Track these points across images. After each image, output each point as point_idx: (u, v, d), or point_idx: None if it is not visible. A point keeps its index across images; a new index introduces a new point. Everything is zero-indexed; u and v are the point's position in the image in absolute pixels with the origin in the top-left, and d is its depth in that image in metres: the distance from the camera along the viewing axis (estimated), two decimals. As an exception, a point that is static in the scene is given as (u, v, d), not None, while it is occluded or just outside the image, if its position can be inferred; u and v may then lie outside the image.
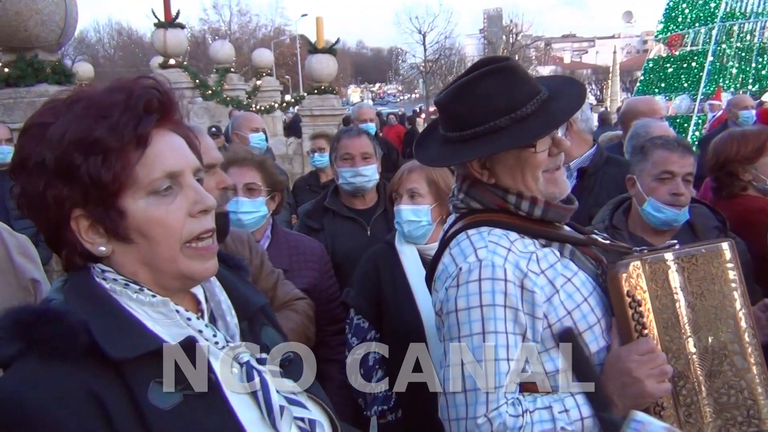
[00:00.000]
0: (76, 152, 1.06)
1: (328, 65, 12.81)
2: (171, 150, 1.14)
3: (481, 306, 1.62)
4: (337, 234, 3.21)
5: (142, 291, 1.13)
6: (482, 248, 1.67)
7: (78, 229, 1.10)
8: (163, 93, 1.14)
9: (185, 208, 1.13)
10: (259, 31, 57.53)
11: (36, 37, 5.22)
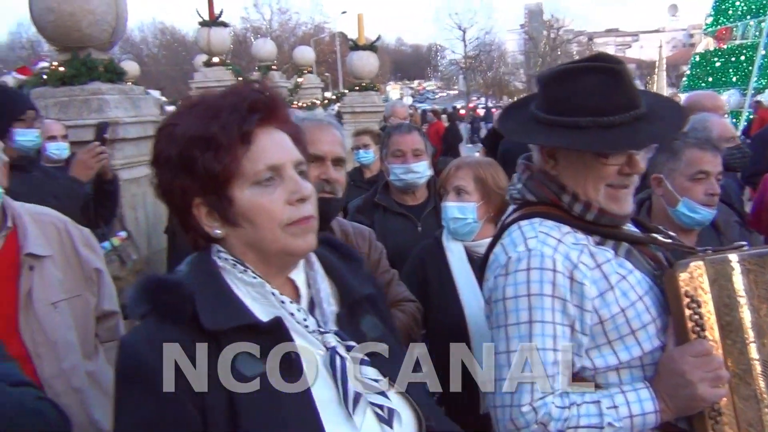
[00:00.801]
0: (194, 148, 1.24)
1: (369, 62, 12.81)
2: (274, 145, 1.28)
3: (528, 295, 1.63)
4: (387, 230, 3.21)
5: (246, 272, 1.28)
6: (532, 238, 1.69)
7: (199, 214, 1.29)
8: (267, 96, 1.29)
9: (284, 196, 1.26)
10: (299, 28, 57.96)
11: (89, 36, 5.32)
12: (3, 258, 2.20)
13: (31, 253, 2.21)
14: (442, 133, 15.99)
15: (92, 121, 4.64)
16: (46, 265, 2.25)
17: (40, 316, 2.19)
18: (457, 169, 2.67)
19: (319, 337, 1.30)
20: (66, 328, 2.26)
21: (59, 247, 2.34)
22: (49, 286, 2.24)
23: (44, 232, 2.31)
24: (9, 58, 45.01)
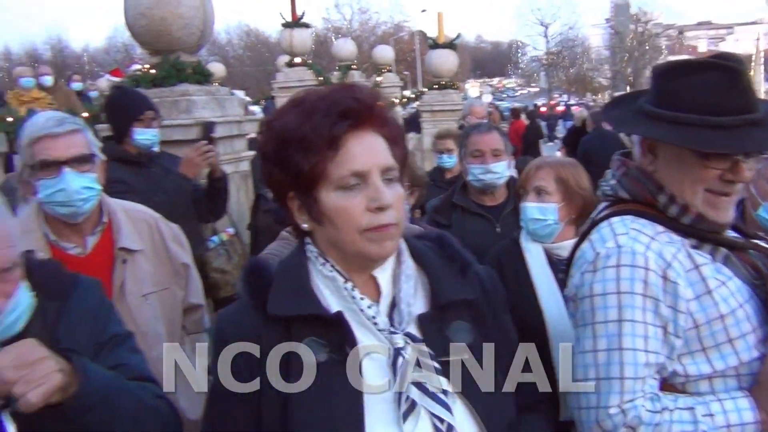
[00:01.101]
0: (287, 146, 1.29)
1: (448, 60, 12.74)
2: (362, 151, 1.29)
3: (618, 293, 1.56)
4: (465, 230, 3.17)
5: (325, 266, 1.34)
6: (623, 234, 1.62)
7: (292, 207, 1.36)
8: (360, 100, 1.30)
9: (365, 203, 1.27)
10: (378, 28, 58.40)
11: (178, 40, 5.54)
12: (99, 251, 2.33)
13: (124, 248, 2.34)
14: (522, 131, 15.68)
15: (182, 121, 4.83)
16: (138, 259, 2.37)
17: (131, 307, 2.31)
18: (537, 169, 2.61)
19: (388, 336, 1.29)
20: (155, 319, 2.37)
21: (150, 242, 2.46)
22: (141, 279, 2.36)
23: (137, 228, 2.43)
24: (105, 62, 47.58)
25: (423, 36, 18.33)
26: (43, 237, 2.26)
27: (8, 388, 1.25)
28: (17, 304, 1.42)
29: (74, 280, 1.65)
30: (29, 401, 1.25)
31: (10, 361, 1.27)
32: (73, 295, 1.60)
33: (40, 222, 2.27)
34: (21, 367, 1.26)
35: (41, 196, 2.19)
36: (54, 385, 1.29)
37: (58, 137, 2.18)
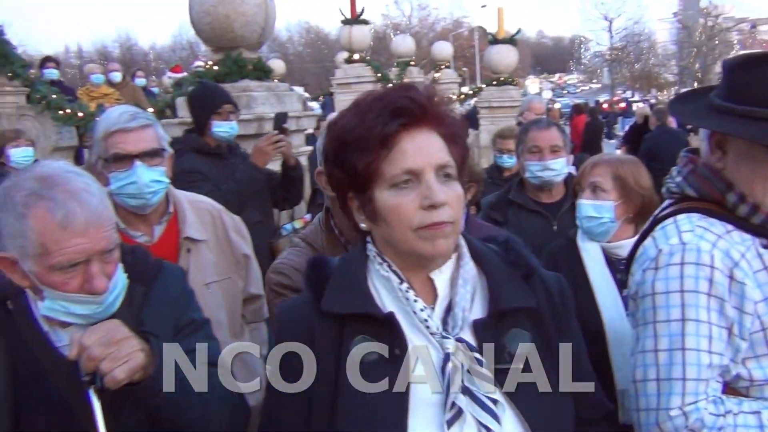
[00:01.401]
0: (345, 146, 1.32)
1: (508, 56, 12.59)
2: (415, 150, 1.28)
3: (682, 291, 1.52)
4: (521, 228, 3.12)
5: (382, 265, 1.35)
6: (688, 232, 1.57)
7: (352, 206, 1.37)
8: (414, 99, 1.30)
9: (417, 201, 1.26)
10: (438, 24, 58.17)
11: (241, 37, 5.66)
12: (165, 240, 2.42)
13: (189, 237, 2.42)
14: (582, 128, 15.35)
15: (242, 117, 4.92)
16: (201, 248, 2.45)
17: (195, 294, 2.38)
18: (594, 165, 2.56)
19: (439, 340, 1.28)
20: (217, 308, 2.43)
21: (213, 233, 2.54)
22: (204, 268, 2.44)
23: (201, 218, 2.52)
24: (171, 59, 48.93)
25: (482, 32, 18.14)
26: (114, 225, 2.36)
27: (95, 364, 1.31)
28: (116, 285, 1.49)
29: (160, 266, 1.72)
30: (115, 377, 1.31)
31: (97, 339, 1.33)
32: (158, 281, 1.67)
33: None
34: (108, 345, 1.33)
35: (113, 187, 2.29)
36: (138, 363, 1.36)
37: (131, 132, 2.27)
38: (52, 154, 7.02)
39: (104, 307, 1.46)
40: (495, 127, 10.74)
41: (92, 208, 1.41)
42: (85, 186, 1.43)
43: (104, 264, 1.46)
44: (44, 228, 1.38)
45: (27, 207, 1.38)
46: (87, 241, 1.40)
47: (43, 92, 6.94)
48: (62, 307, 1.45)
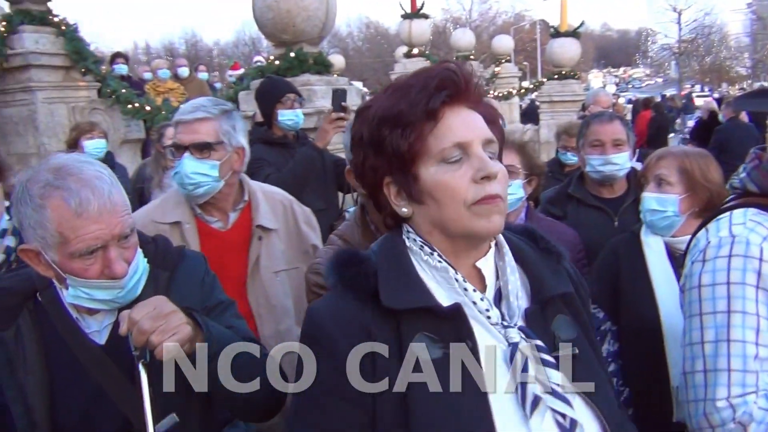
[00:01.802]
0: (383, 127, 1.25)
1: (570, 49, 12.35)
2: (462, 123, 1.24)
3: (728, 283, 1.53)
4: (581, 223, 3.06)
5: (432, 255, 1.26)
6: (739, 225, 1.58)
7: (389, 193, 1.29)
8: (458, 74, 1.25)
9: (470, 174, 1.21)
10: (498, 17, 57.43)
11: (302, 32, 5.76)
12: (238, 227, 2.51)
13: (261, 225, 2.49)
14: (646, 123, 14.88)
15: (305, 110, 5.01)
16: (272, 237, 2.52)
17: (264, 281, 2.47)
18: (660, 158, 2.48)
19: (502, 330, 1.23)
20: (284, 295, 2.51)
21: (284, 223, 2.61)
22: (274, 256, 2.51)
23: (273, 208, 2.59)
24: (234, 55, 50.01)
25: (545, 25, 17.82)
26: (191, 210, 2.47)
27: (145, 338, 1.36)
28: (136, 269, 1.53)
29: (181, 252, 1.77)
30: (167, 349, 1.35)
31: (146, 314, 1.37)
32: (181, 266, 1.72)
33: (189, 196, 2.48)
34: (156, 318, 1.37)
35: (172, 174, 2.40)
36: (186, 335, 1.40)
37: (188, 123, 2.37)
38: (120, 146, 7.30)
39: (126, 291, 1.50)
40: (555, 122, 10.55)
41: (105, 194, 1.44)
42: (97, 173, 1.47)
43: (123, 249, 1.49)
44: (61, 217, 1.41)
45: (43, 198, 1.42)
46: (103, 227, 1.43)
47: (113, 87, 7.22)
48: (85, 294, 1.49)
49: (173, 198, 2.51)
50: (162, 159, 5.32)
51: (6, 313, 1.55)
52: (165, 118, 6.96)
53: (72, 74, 7.15)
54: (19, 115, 6.93)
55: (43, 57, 6.86)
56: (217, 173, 2.39)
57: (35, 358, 1.53)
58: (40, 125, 6.81)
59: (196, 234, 2.43)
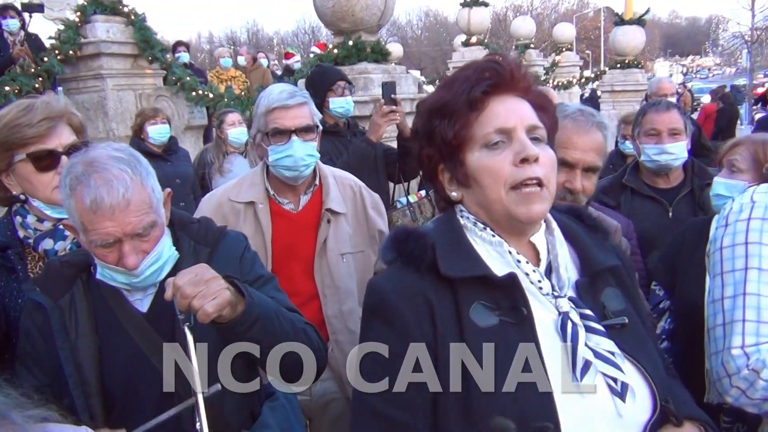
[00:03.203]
0: (433, 117, 1.36)
1: (634, 37, 12.03)
2: (505, 110, 1.32)
3: (746, 243, 1.65)
4: (634, 213, 3.03)
5: (485, 230, 1.35)
6: (761, 193, 1.70)
7: (443, 179, 1.40)
8: (502, 65, 1.34)
9: (510, 158, 1.29)
10: (561, 4, 56.20)
11: (361, 20, 5.82)
12: (308, 209, 2.61)
13: (330, 209, 2.59)
14: (714, 114, 14.35)
15: (359, 98, 5.08)
16: (340, 220, 2.62)
17: (330, 263, 2.55)
18: (735, 144, 2.44)
19: (552, 300, 1.31)
20: (349, 277, 2.59)
21: (352, 207, 2.69)
22: (341, 239, 2.60)
23: (342, 193, 2.68)
24: (294, 43, 50.57)
25: (609, 12, 17.38)
26: (265, 191, 2.59)
27: (188, 302, 1.43)
28: (158, 257, 1.63)
29: (223, 231, 1.86)
30: (206, 311, 1.42)
31: (188, 280, 1.45)
32: (221, 243, 1.81)
33: (264, 178, 2.61)
34: (197, 284, 1.45)
35: (271, 159, 2.50)
36: (225, 299, 1.47)
37: (290, 108, 2.48)
38: (184, 132, 7.56)
39: (142, 278, 1.61)
40: (616, 112, 10.35)
41: (119, 194, 1.52)
42: (119, 173, 1.54)
43: (140, 242, 1.59)
44: (81, 209, 1.53)
45: (72, 189, 1.54)
46: (114, 225, 1.53)
47: (178, 74, 7.47)
48: (108, 275, 1.63)
49: (249, 179, 2.64)
50: (223, 145, 5.53)
51: (62, 283, 1.69)
52: (227, 105, 7.17)
53: (139, 62, 7.44)
54: (90, 101, 7.26)
55: (114, 45, 7.17)
56: (318, 154, 2.56)
57: (86, 324, 1.66)
58: (110, 111, 7.12)
59: (268, 214, 2.54)
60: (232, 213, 2.50)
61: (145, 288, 1.68)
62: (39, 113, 1.88)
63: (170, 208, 1.75)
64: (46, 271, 1.74)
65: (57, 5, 8.74)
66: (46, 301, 1.66)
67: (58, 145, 1.90)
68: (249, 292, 1.57)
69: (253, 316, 1.55)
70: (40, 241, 1.93)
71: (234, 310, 1.52)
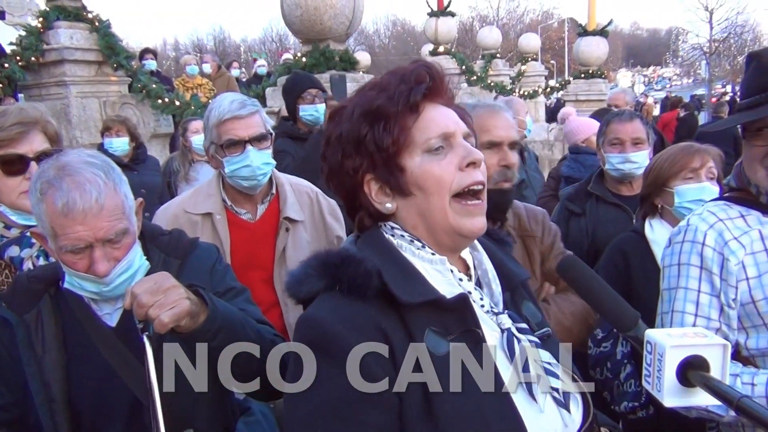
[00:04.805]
0: (363, 123, 1.25)
1: (598, 48, 12.30)
2: (442, 116, 1.28)
3: (678, 264, 1.83)
4: (599, 220, 3.12)
5: (424, 248, 1.27)
6: (696, 215, 1.86)
7: (369, 191, 1.28)
8: (433, 70, 1.29)
9: (455, 162, 1.24)
10: (526, 15, 57.08)
11: (329, 29, 5.86)
12: (266, 218, 2.61)
13: (288, 217, 2.59)
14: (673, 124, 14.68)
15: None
16: (299, 228, 2.61)
17: (290, 271, 2.52)
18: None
19: (493, 317, 1.28)
20: None
21: (310, 214, 2.69)
22: (300, 246, 2.59)
23: (299, 200, 2.68)
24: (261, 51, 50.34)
25: (573, 23, 17.71)
26: (222, 202, 2.57)
27: (144, 311, 1.39)
28: (129, 266, 1.59)
29: (194, 243, 1.84)
30: (162, 322, 1.38)
31: (146, 288, 1.41)
32: (192, 255, 1.79)
33: (220, 189, 2.60)
34: (155, 292, 1.41)
35: (227, 170, 2.48)
36: (184, 309, 1.42)
37: (243, 119, 2.47)
38: (150, 140, 7.46)
39: (112, 287, 1.57)
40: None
41: (92, 198, 1.48)
42: (92, 177, 1.51)
43: (111, 249, 1.55)
44: (52, 213, 1.49)
45: (42, 193, 1.50)
46: (86, 229, 1.49)
47: (144, 82, 7.38)
48: (76, 283, 1.58)
49: (205, 190, 2.62)
50: (188, 153, 5.46)
51: (29, 298, 1.65)
52: (193, 113, 7.11)
53: (104, 69, 7.34)
54: (53, 108, 7.11)
55: (77, 52, 7.05)
56: (274, 162, 2.55)
57: (53, 339, 1.62)
58: (73, 119, 7.00)
59: (226, 225, 2.53)
60: (189, 225, 2.46)
61: (114, 299, 1.64)
62: (11, 118, 1.86)
63: (142, 219, 1.72)
64: (13, 286, 1.70)
65: (18, 10, 8.58)
66: (12, 317, 1.62)
67: (29, 151, 1.88)
68: (213, 301, 1.54)
69: (215, 326, 1.51)
70: (6, 249, 1.90)
71: (195, 319, 1.48)
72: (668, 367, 1.02)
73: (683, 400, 1.03)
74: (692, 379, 1.01)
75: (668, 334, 1.06)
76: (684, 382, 1.03)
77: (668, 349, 1.02)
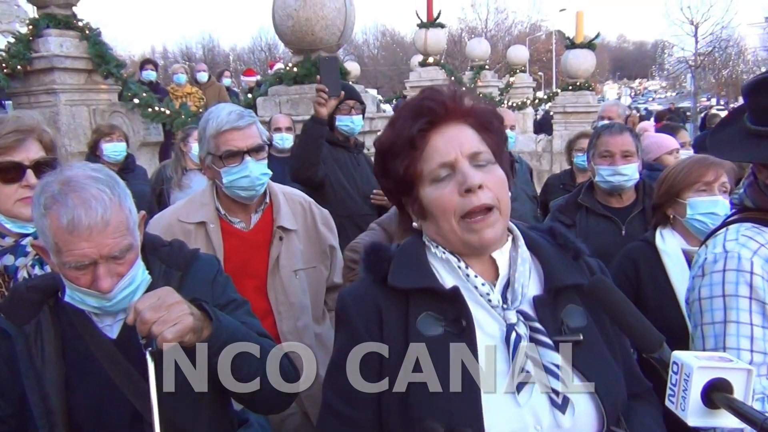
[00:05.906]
0: (384, 157, 1.46)
1: (585, 60, 12.37)
2: (445, 144, 1.38)
3: (723, 296, 1.66)
4: (589, 231, 3.15)
5: (438, 248, 1.43)
6: (732, 241, 1.71)
7: (409, 210, 1.48)
8: (436, 99, 1.40)
9: (456, 189, 1.35)
10: (514, 28, 57.47)
11: (320, 39, 5.87)
12: (260, 228, 2.62)
13: (281, 226, 2.60)
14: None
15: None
16: (292, 237, 2.63)
17: (284, 280, 2.56)
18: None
19: (501, 312, 1.36)
20: (302, 293, 2.61)
21: (303, 223, 2.71)
22: (293, 255, 2.61)
23: (293, 209, 2.70)
24: (250, 60, 50.39)
25: (561, 36, 17.87)
26: (215, 211, 2.58)
27: (147, 327, 1.40)
28: (132, 281, 1.58)
29: (194, 255, 1.83)
30: (165, 338, 1.39)
31: (149, 304, 1.41)
32: (193, 267, 1.78)
33: (214, 198, 2.61)
34: (158, 309, 1.41)
35: (225, 181, 2.49)
36: (187, 325, 1.42)
37: (241, 130, 2.48)
38: (139, 149, 7.44)
39: (114, 302, 1.56)
40: (568, 132, 10.58)
41: (97, 215, 1.47)
42: (97, 194, 1.49)
43: (115, 265, 1.54)
44: (57, 229, 1.47)
45: (46, 208, 1.48)
46: (91, 246, 1.48)
47: (134, 90, 7.35)
48: (78, 298, 1.57)
49: (198, 199, 2.63)
50: (183, 160, 5.45)
51: (28, 309, 1.63)
52: (183, 122, 7.09)
53: (94, 77, 7.31)
54: (41, 116, 7.06)
55: (67, 60, 7.02)
56: (270, 172, 2.58)
57: (52, 351, 1.60)
58: (62, 127, 6.96)
59: (219, 234, 2.53)
60: (183, 234, 2.46)
61: (115, 313, 1.63)
62: (8, 126, 1.85)
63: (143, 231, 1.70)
64: (11, 296, 1.68)
65: (5, 17, 8.54)
66: (11, 328, 1.60)
67: (25, 159, 1.87)
68: (217, 316, 1.53)
69: (220, 341, 1.51)
70: (1, 257, 1.89)
71: (199, 335, 1.48)
72: (694, 388, 1.06)
73: (706, 420, 1.07)
74: (717, 401, 1.04)
75: (695, 356, 1.10)
76: (708, 404, 1.06)
77: (695, 371, 1.06)
